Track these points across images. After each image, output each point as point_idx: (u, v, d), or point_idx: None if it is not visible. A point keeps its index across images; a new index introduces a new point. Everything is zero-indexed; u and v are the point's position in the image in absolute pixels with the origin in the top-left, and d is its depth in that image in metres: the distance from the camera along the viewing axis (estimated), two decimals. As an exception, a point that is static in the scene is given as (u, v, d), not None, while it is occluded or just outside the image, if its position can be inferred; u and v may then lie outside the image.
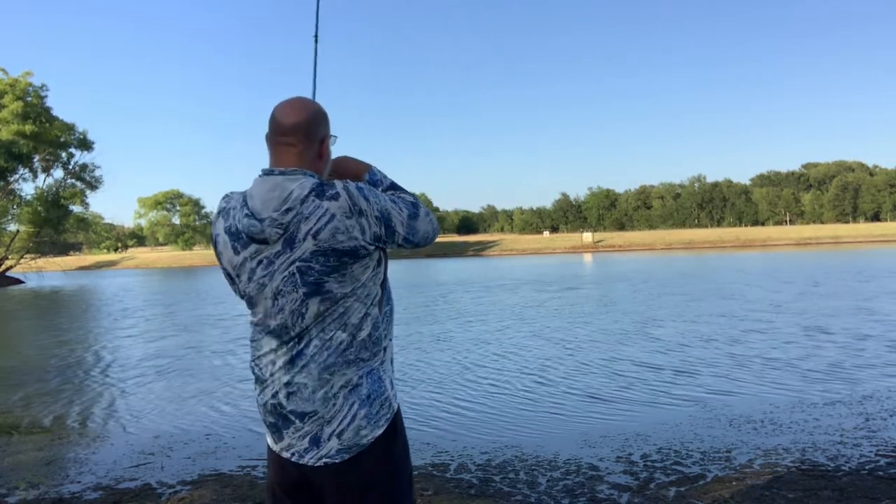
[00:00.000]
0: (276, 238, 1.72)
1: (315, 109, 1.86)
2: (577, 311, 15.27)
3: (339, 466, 1.75)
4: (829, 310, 13.29)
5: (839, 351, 8.86)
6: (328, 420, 1.75)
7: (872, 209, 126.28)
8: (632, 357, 9.07)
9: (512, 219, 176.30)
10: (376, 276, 1.82)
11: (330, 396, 1.75)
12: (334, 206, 1.70)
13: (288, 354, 1.77)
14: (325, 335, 1.75)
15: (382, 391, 1.80)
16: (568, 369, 8.42)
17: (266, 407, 1.82)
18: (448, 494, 4.16)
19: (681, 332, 11.27)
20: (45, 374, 9.51)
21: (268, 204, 1.72)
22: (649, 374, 7.93)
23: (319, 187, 1.73)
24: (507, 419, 6.18)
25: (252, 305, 1.83)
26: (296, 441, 1.78)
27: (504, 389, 7.43)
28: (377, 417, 1.77)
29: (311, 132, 1.82)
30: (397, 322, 10.34)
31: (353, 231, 1.70)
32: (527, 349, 10.13)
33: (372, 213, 1.74)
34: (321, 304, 1.74)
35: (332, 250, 1.70)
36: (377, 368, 1.81)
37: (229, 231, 1.80)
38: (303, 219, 1.69)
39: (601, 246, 74.76)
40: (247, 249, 1.77)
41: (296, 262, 1.71)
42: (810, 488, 4.00)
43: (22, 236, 48.32)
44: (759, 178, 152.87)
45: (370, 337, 1.79)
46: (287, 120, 1.81)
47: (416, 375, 8.42)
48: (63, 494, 4.48)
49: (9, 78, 44.53)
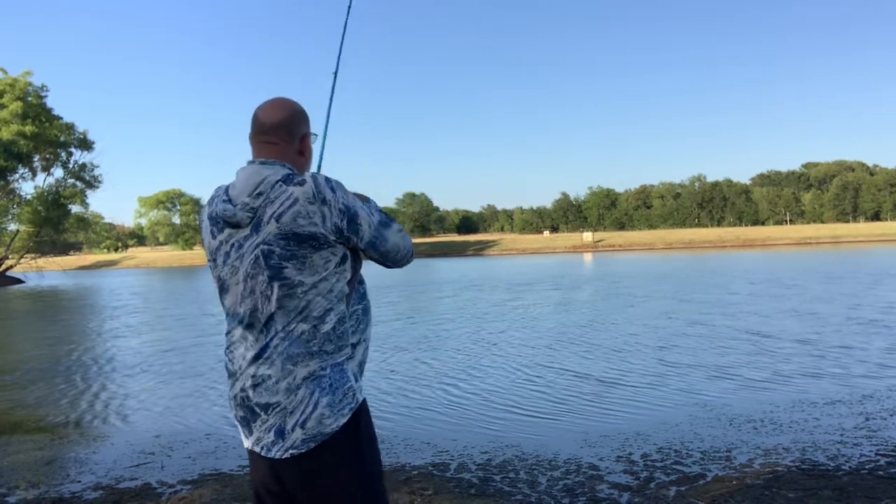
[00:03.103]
0: (247, 221, 1.80)
1: (295, 108, 1.95)
2: (576, 311, 15.26)
3: (304, 456, 1.78)
4: (829, 310, 13.29)
5: (839, 351, 8.85)
6: (291, 411, 1.77)
7: (873, 209, 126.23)
8: (631, 357, 9.07)
9: (512, 218, 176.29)
10: (341, 274, 1.84)
11: (293, 387, 1.77)
12: (298, 191, 1.77)
13: (255, 346, 1.81)
14: (289, 326, 1.78)
15: (345, 381, 1.82)
16: (567, 369, 8.42)
17: (235, 400, 1.87)
18: (448, 494, 4.16)
19: (681, 332, 11.26)
20: (44, 374, 9.51)
21: (244, 189, 1.81)
22: (649, 373, 7.93)
23: (290, 176, 1.81)
24: (507, 419, 6.18)
25: (224, 291, 1.88)
26: (263, 434, 1.82)
27: (504, 389, 7.43)
28: (340, 406, 1.79)
29: (292, 130, 1.92)
30: (396, 321, 10.31)
31: (313, 217, 1.76)
32: (526, 349, 10.13)
33: (336, 204, 1.79)
34: (280, 289, 1.78)
35: (293, 234, 1.75)
36: (342, 363, 1.84)
37: (210, 217, 1.89)
38: (269, 203, 1.77)
39: (601, 245, 74.74)
40: (223, 233, 1.85)
41: (260, 245, 1.78)
42: (810, 488, 4.00)
43: (22, 236, 48.34)
44: (760, 177, 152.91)
45: (334, 330, 1.82)
46: (268, 119, 1.90)
47: (416, 375, 8.42)
48: (63, 494, 4.48)
49: (8, 78, 44.54)
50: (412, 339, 11.64)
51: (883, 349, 8.82)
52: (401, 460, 5.00)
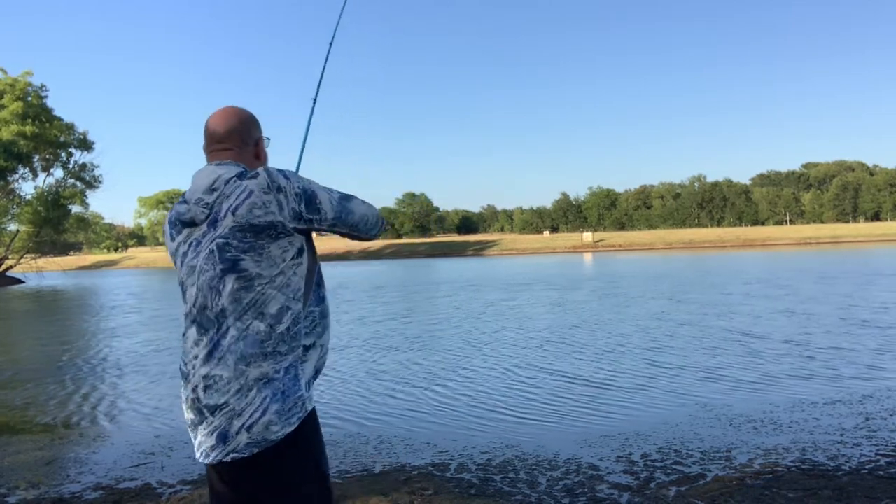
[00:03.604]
0: (202, 218, 1.81)
1: (246, 115, 1.98)
2: (575, 311, 15.26)
3: (246, 461, 1.75)
4: (830, 310, 13.29)
5: (839, 350, 8.85)
6: (238, 413, 1.75)
7: (872, 209, 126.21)
8: (631, 357, 9.06)
9: (512, 218, 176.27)
10: (297, 267, 1.83)
11: (244, 388, 1.75)
12: (252, 184, 1.79)
13: (207, 346, 1.79)
14: (242, 324, 1.76)
15: (297, 390, 1.80)
16: (567, 369, 8.41)
17: (188, 402, 1.85)
18: (448, 494, 4.16)
19: (682, 331, 11.26)
20: (45, 374, 9.51)
21: (199, 188, 1.83)
22: (648, 374, 7.93)
23: (244, 172, 1.84)
24: (507, 419, 6.17)
25: (183, 293, 1.88)
26: (205, 438, 1.80)
27: (504, 389, 7.43)
28: (289, 415, 1.77)
29: (245, 136, 1.95)
30: (394, 320, 10.29)
31: (270, 206, 1.77)
32: (526, 349, 10.12)
33: (292, 189, 1.81)
34: (236, 281, 1.76)
35: (250, 226, 1.76)
36: (295, 365, 1.82)
37: (170, 221, 1.92)
38: (224, 198, 1.79)
39: (601, 246, 74.71)
40: (181, 234, 1.87)
41: (216, 239, 1.78)
42: (810, 488, 4.00)
43: (22, 236, 48.32)
44: (759, 177, 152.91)
45: (289, 331, 1.80)
46: (221, 127, 1.93)
47: (416, 375, 8.42)
48: (63, 494, 4.48)
49: (8, 78, 44.52)
50: (406, 339, 11.63)
51: (883, 349, 8.82)
52: (401, 460, 5.00)
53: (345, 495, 4.12)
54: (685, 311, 14.20)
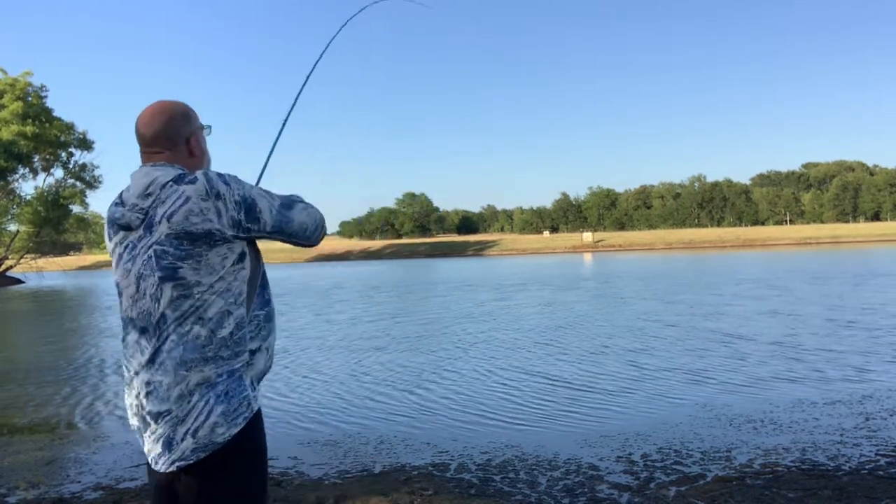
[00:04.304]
0: (137, 223, 1.77)
1: (172, 114, 1.88)
2: (575, 311, 15.26)
3: (192, 467, 1.72)
4: (833, 312, 13.30)
5: (839, 350, 8.85)
6: (182, 419, 1.71)
7: (872, 209, 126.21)
8: (631, 357, 9.07)
9: (512, 218, 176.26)
10: (238, 273, 1.79)
11: (185, 394, 1.71)
12: (190, 189, 1.72)
13: (148, 352, 1.75)
14: (182, 329, 1.72)
15: (242, 390, 1.77)
16: (567, 369, 8.42)
17: (131, 409, 1.82)
18: (448, 494, 4.16)
19: (682, 331, 11.27)
20: (45, 374, 9.51)
21: (134, 191, 1.79)
22: (648, 374, 7.93)
23: (181, 176, 1.77)
24: (507, 419, 6.17)
25: (119, 295, 1.85)
26: (152, 445, 1.76)
27: (504, 389, 7.43)
28: (235, 415, 1.74)
29: (174, 137, 1.86)
30: (392, 319, 10.26)
31: (207, 213, 1.71)
32: (525, 349, 10.12)
33: (231, 197, 1.75)
34: (174, 289, 1.72)
35: (186, 233, 1.71)
36: (239, 369, 1.78)
37: (107, 220, 1.88)
38: (160, 203, 1.73)
39: (601, 246, 74.71)
40: (117, 236, 1.83)
41: (153, 246, 1.74)
42: (810, 488, 4.00)
43: (22, 236, 48.30)
44: (759, 177, 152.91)
45: (232, 336, 1.76)
46: (147, 131, 1.86)
47: (416, 375, 8.42)
48: (63, 494, 4.48)
49: (8, 78, 44.50)
50: (402, 338, 11.63)
51: (884, 350, 8.82)
52: (401, 460, 5.00)
53: (345, 495, 4.12)
54: (684, 312, 14.20)
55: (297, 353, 10.49)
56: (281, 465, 4.97)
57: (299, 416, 6.56)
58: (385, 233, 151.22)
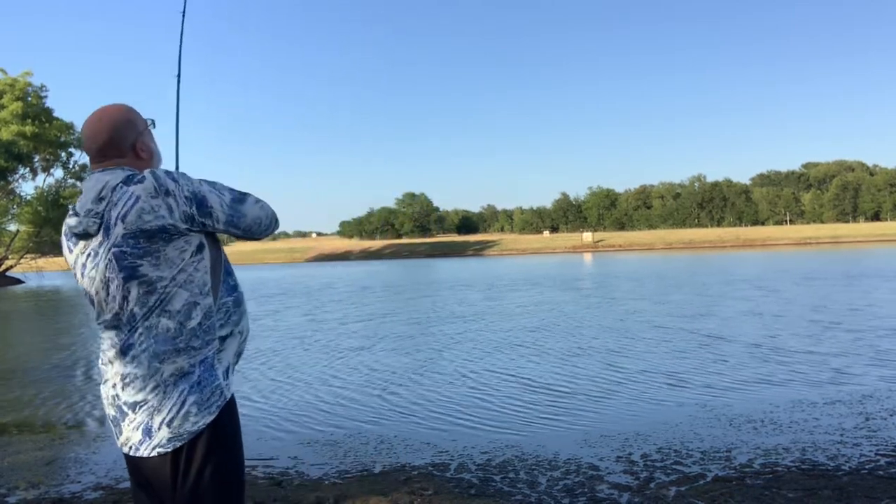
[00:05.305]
0: (94, 228, 1.80)
1: (113, 123, 1.91)
2: (575, 311, 15.27)
3: (170, 456, 1.78)
4: (827, 310, 13.30)
5: (839, 351, 8.85)
6: (158, 408, 1.78)
7: (872, 209, 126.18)
8: (631, 357, 9.07)
9: (512, 219, 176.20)
10: (198, 263, 1.84)
11: (160, 384, 1.78)
12: (139, 189, 1.77)
13: (120, 346, 1.81)
14: (150, 322, 1.78)
15: (214, 379, 1.83)
16: (568, 369, 8.42)
17: (107, 400, 1.87)
18: (448, 494, 4.16)
19: (682, 331, 11.27)
20: (45, 374, 9.50)
21: (87, 199, 1.82)
22: (648, 374, 7.93)
23: (131, 177, 1.82)
24: (507, 419, 6.17)
25: (91, 302, 1.89)
26: (131, 433, 1.82)
27: (504, 389, 7.43)
28: (208, 404, 1.80)
29: (118, 144, 1.90)
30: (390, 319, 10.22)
31: (159, 210, 1.76)
32: (525, 349, 10.13)
33: (181, 193, 1.79)
34: (139, 287, 1.78)
35: (141, 231, 1.75)
36: (210, 357, 1.84)
37: (65, 234, 1.91)
38: (113, 205, 1.77)
39: (601, 246, 74.73)
40: (77, 246, 1.86)
41: (112, 249, 1.78)
42: (810, 488, 4.00)
43: (22, 236, 48.29)
44: (759, 177, 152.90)
45: (201, 326, 1.82)
46: (93, 143, 1.90)
47: (416, 375, 8.42)
48: (63, 494, 4.47)
49: (8, 78, 44.49)
50: (399, 337, 11.63)
51: (885, 349, 8.83)
52: (401, 460, 4.99)
53: (345, 495, 4.12)
54: (674, 312, 14.20)
55: (287, 353, 10.49)
56: (281, 465, 4.96)
57: (299, 416, 6.56)
58: (385, 233, 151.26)
